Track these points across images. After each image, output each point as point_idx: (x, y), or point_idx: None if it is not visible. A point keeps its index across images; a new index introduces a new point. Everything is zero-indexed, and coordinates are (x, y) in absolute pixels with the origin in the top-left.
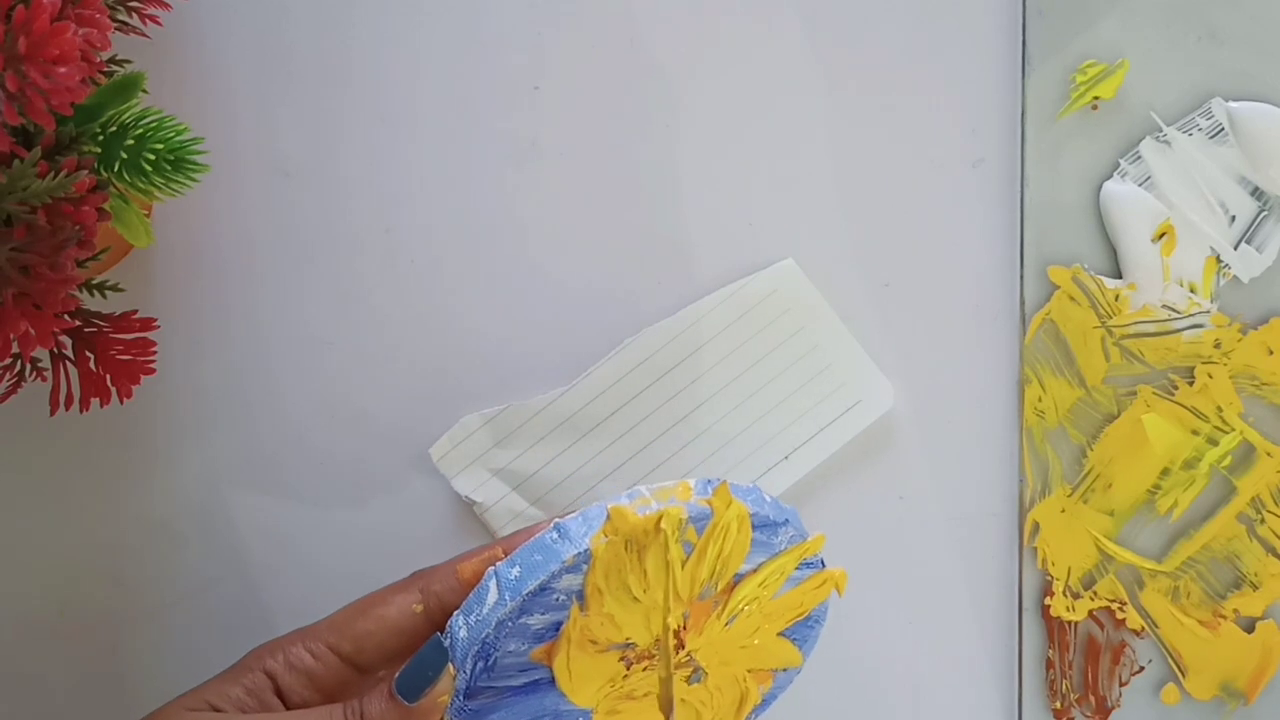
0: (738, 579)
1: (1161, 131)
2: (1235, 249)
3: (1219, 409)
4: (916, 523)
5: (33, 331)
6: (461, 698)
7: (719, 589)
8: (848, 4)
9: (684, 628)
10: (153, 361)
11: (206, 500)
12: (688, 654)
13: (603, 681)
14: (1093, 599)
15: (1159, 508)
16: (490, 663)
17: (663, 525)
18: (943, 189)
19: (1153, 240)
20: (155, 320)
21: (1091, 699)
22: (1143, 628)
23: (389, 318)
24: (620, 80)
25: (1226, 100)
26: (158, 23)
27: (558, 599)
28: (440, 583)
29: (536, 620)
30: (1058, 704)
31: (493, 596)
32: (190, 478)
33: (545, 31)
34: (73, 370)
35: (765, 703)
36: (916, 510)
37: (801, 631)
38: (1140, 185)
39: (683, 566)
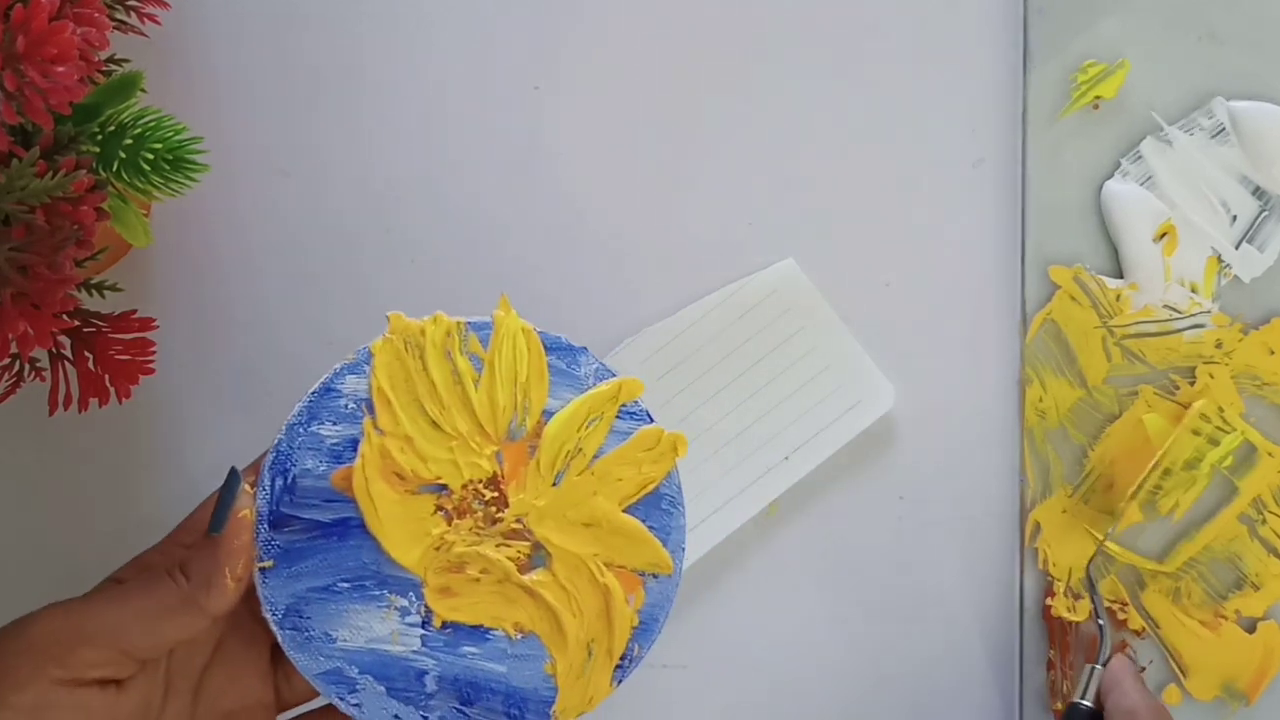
0: (547, 417)
1: (1163, 131)
2: (1236, 249)
3: (1220, 409)
4: (916, 523)
5: (31, 331)
6: (266, 526)
7: (528, 426)
8: (849, 4)
9: (501, 476)
10: (152, 361)
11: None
12: (517, 519)
13: (419, 533)
14: None
15: (1160, 508)
16: (289, 480)
17: (434, 324)
18: (943, 189)
19: (1154, 240)
20: (154, 320)
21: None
22: (1144, 628)
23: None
24: (620, 81)
25: (1228, 100)
26: (156, 22)
27: (346, 405)
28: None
29: (330, 431)
30: (1058, 704)
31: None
32: (190, 478)
33: (545, 31)
34: (71, 370)
35: (644, 628)
36: (916, 510)
37: (655, 516)
38: (1141, 185)
39: (476, 385)
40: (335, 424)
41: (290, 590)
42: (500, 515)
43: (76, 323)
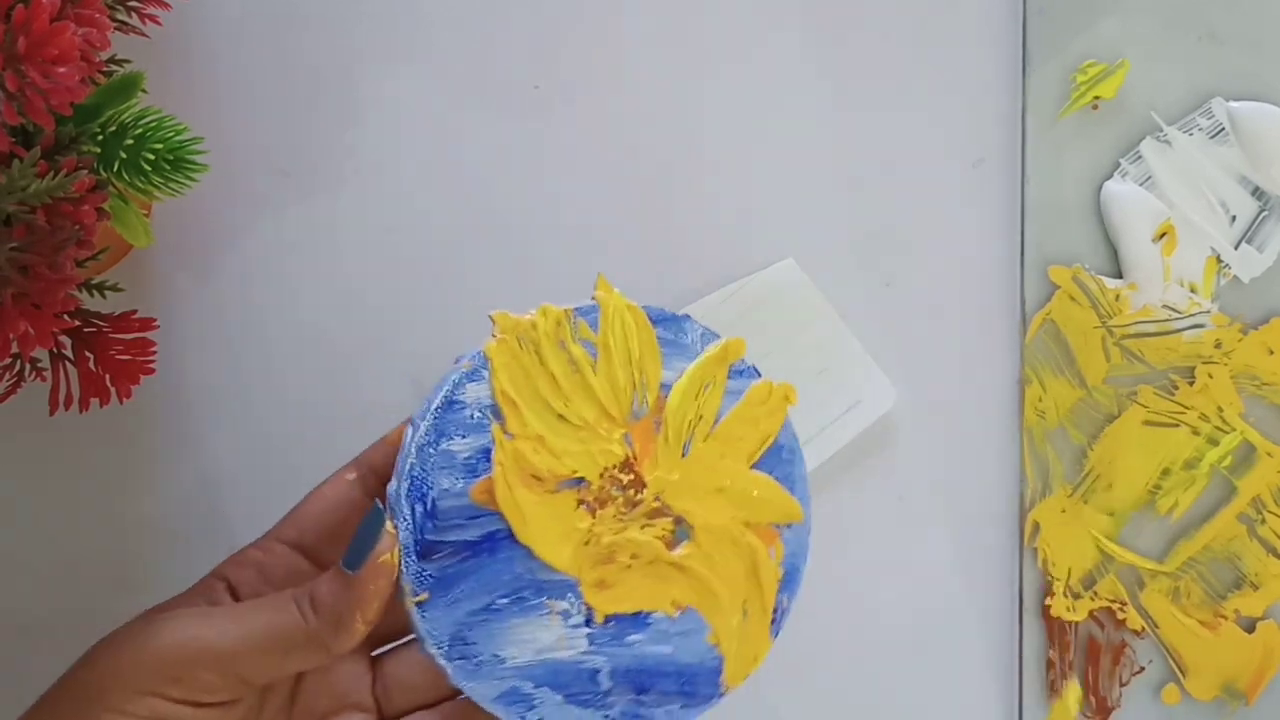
0: (665, 390)
1: (1162, 131)
2: (1236, 249)
3: (1219, 409)
4: (916, 523)
5: (32, 331)
6: (415, 557)
7: (650, 403)
8: (849, 4)
9: (633, 458)
10: (152, 361)
11: (206, 500)
12: (656, 497)
13: (566, 531)
14: (1093, 599)
15: (1159, 508)
16: (429, 506)
17: (543, 316)
18: (943, 189)
19: (1153, 240)
20: (155, 320)
21: (1092, 699)
22: (1143, 628)
23: (389, 317)
24: (620, 81)
25: (1227, 100)
26: (157, 22)
27: (472, 415)
28: (372, 451)
29: (460, 446)
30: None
31: (409, 435)
32: (190, 478)
33: (545, 31)
34: (72, 370)
35: (788, 578)
36: (916, 510)
37: (779, 468)
38: (1141, 185)
39: (594, 370)
40: (464, 437)
41: (452, 619)
42: (639, 497)
43: (77, 323)
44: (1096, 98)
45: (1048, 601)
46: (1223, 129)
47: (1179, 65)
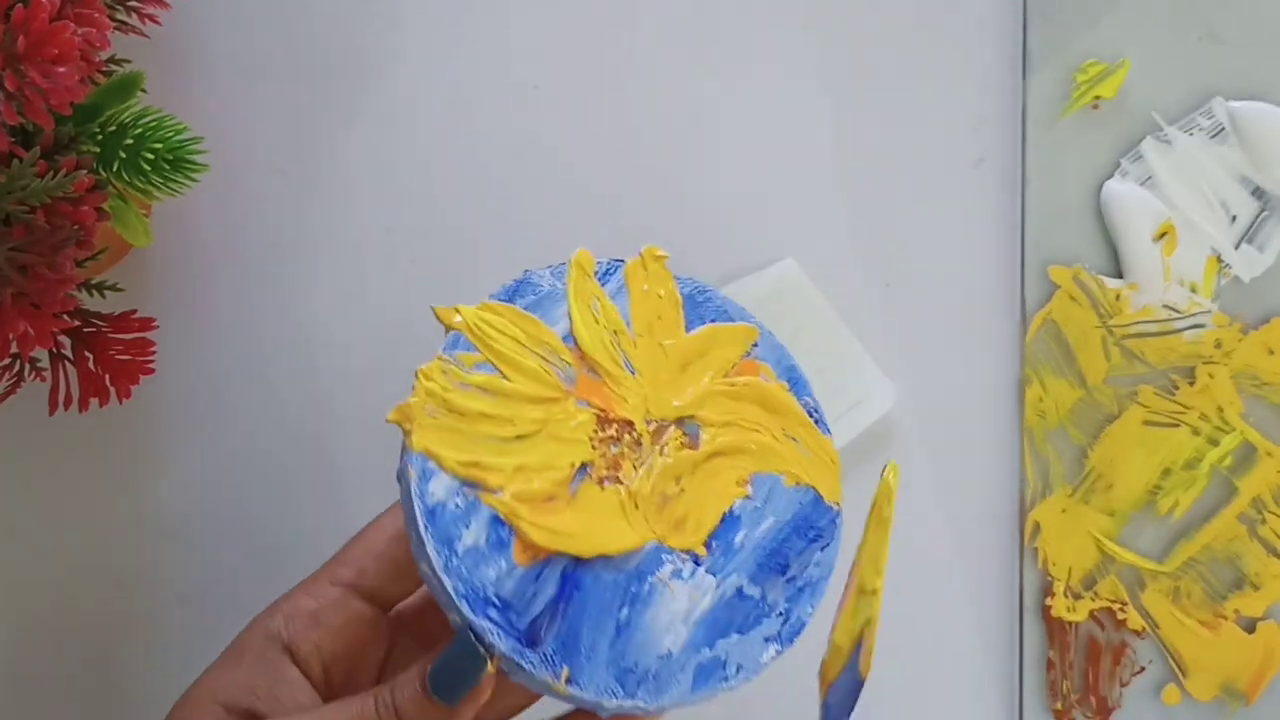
0: (570, 341)
1: (1163, 131)
2: (1236, 249)
3: (1220, 409)
4: (916, 523)
5: (32, 331)
6: (530, 648)
7: (571, 361)
8: (849, 4)
9: (602, 411)
10: (152, 361)
11: (206, 500)
12: (647, 423)
13: (613, 513)
14: (1093, 599)
15: (1160, 508)
16: (500, 603)
17: (424, 380)
18: (943, 189)
19: (1154, 240)
20: (154, 320)
21: (1092, 699)
22: (1143, 628)
23: (389, 317)
24: (620, 81)
25: (1228, 100)
26: (157, 22)
27: (455, 506)
28: None
29: (472, 536)
30: (1058, 704)
31: (426, 570)
32: (190, 478)
33: (545, 31)
34: (72, 370)
35: (795, 383)
36: (916, 510)
37: (707, 312)
38: (1141, 185)
39: (506, 379)
40: (469, 527)
41: (602, 666)
42: (637, 434)
43: (77, 323)
44: (1097, 97)
45: (1048, 602)
46: (1223, 129)
47: (1180, 65)
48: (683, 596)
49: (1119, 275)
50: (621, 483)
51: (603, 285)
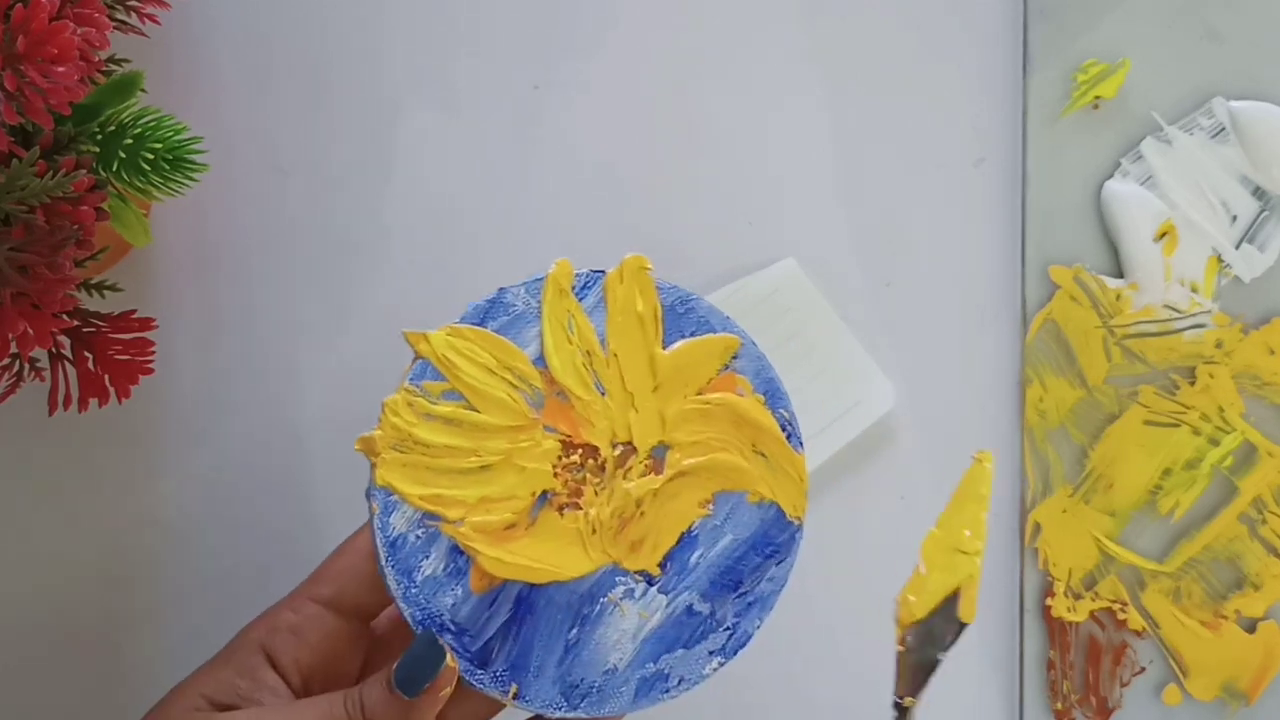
0: (540, 363)
1: (1163, 131)
2: (1237, 248)
3: (1220, 409)
4: (918, 522)
5: (31, 331)
6: (480, 669)
7: (540, 385)
8: (849, 4)
9: (568, 438)
10: (151, 361)
11: (206, 500)
12: (613, 445)
13: (570, 540)
14: (1094, 599)
15: (1160, 508)
16: (455, 627)
17: (390, 414)
18: (944, 189)
19: (1154, 240)
20: (154, 320)
21: (1092, 700)
22: (1144, 628)
23: (388, 317)
24: (620, 80)
25: (1228, 99)
26: (156, 22)
27: (416, 538)
28: None
29: (430, 565)
30: (1059, 705)
31: (392, 590)
32: (190, 478)
33: (545, 31)
34: (71, 370)
35: (771, 395)
36: (916, 510)
37: (686, 325)
38: (1142, 185)
39: (471, 408)
40: (428, 557)
41: (549, 682)
42: (602, 459)
43: (76, 323)
44: (1097, 97)
45: (1048, 602)
46: (1224, 128)
47: (1180, 65)
48: (632, 615)
49: (1119, 275)
50: (581, 509)
51: (581, 299)
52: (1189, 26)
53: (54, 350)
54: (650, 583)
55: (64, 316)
